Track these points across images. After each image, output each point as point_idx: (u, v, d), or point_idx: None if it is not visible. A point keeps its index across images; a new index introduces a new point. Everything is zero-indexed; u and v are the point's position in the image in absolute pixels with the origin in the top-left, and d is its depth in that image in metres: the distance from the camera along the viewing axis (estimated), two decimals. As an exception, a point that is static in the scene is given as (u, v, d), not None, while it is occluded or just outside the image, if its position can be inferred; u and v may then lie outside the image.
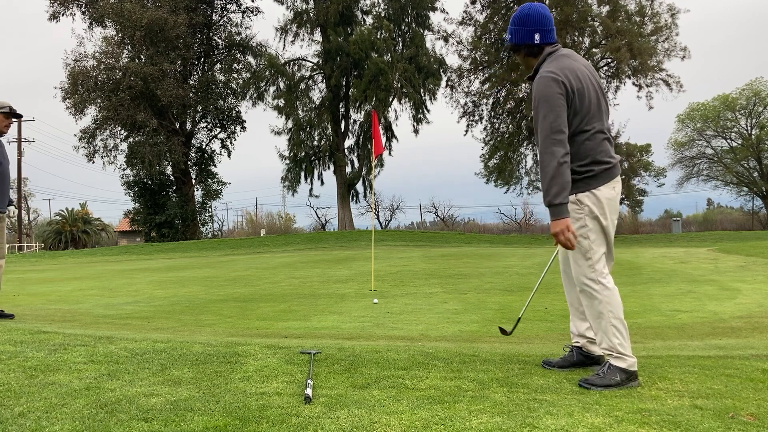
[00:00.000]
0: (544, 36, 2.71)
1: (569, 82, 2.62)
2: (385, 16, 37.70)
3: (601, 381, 2.58)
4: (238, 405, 2.32)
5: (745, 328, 4.94)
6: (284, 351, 3.35)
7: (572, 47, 33.75)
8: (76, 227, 55.30)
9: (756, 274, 10.02)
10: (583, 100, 2.66)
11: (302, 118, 38.04)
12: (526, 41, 2.74)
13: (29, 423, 2.14)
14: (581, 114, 2.66)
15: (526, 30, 2.74)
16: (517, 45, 2.78)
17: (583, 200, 2.68)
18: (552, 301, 6.97)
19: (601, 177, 2.70)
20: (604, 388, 2.54)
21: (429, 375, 2.81)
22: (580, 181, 2.68)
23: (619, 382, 2.57)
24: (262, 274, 12.93)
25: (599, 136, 2.71)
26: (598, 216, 2.68)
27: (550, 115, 2.58)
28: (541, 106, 2.61)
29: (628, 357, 2.63)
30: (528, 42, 2.73)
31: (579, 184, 2.68)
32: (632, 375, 2.61)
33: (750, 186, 47.46)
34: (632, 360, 2.63)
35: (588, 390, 2.54)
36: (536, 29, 2.72)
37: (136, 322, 5.76)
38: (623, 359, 2.62)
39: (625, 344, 2.65)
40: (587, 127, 2.69)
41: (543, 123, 2.60)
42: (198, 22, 36.79)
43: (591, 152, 2.68)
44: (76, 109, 34.78)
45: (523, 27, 2.74)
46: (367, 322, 5.70)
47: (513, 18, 2.78)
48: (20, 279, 13.40)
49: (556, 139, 2.57)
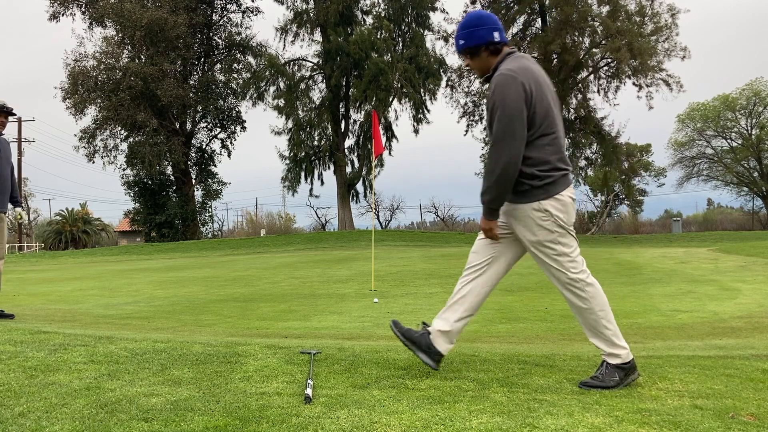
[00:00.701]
0: (501, 35, 2.69)
1: (529, 84, 2.59)
2: (385, 16, 37.69)
3: (601, 383, 2.58)
4: (238, 405, 2.32)
5: (745, 328, 4.94)
6: (284, 351, 3.35)
7: (572, 47, 33.77)
8: (76, 227, 55.29)
9: (756, 274, 10.02)
10: (542, 102, 2.62)
11: (302, 118, 38.03)
12: (488, 39, 2.69)
13: (29, 423, 2.14)
14: (541, 117, 2.62)
15: (485, 29, 2.70)
16: (477, 46, 2.71)
17: (549, 209, 2.62)
18: (552, 301, 6.97)
19: (561, 183, 2.66)
20: (603, 389, 2.55)
21: (429, 375, 2.81)
22: (542, 187, 2.62)
23: (619, 381, 2.58)
24: (262, 274, 12.93)
25: (559, 142, 2.68)
26: (563, 222, 2.65)
27: (505, 118, 2.54)
28: (498, 106, 2.56)
29: (622, 348, 2.63)
30: (490, 39, 2.69)
31: (541, 191, 2.63)
32: (629, 368, 2.61)
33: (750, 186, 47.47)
34: (626, 351, 2.63)
35: (588, 390, 2.54)
36: (494, 28, 2.71)
37: (136, 322, 5.76)
38: (617, 355, 2.62)
39: (618, 333, 2.66)
40: (549, 131, 2.65)
41: (499, 124, 2.56)
42: (198, 22, 36.78)
43: (552, 157, 2.65)
44: (76, 109, 34.78)
45: (482, 26, 2.71)
46: (367, 322, 5.70)
47: (465, 23, 2.74)
48: (20, 279, 13.40)
49: (511, 142, 2.53)
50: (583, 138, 37.62)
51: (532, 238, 2.68)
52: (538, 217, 2.63)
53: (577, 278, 2.66)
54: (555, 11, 34.42)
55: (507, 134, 2.54)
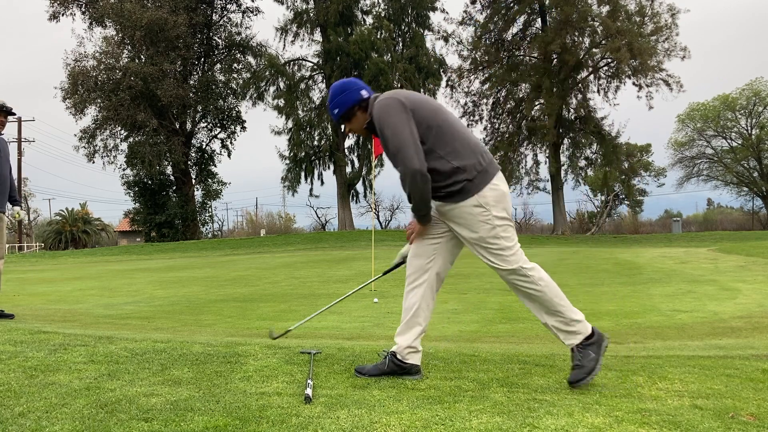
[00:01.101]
0: (368, 92, 2.81)
1: (406, 98, 2.68)
2: (385, 16, 37.70)
3: (586, 371, 2.57)
4: (238, 405, 2.32)
5: (745, 328, 4.94)
6: (284, 351, 3.35)
7: (572, 47, 33.78)
8: (76, 227, 55.29)
9: (756, 274, 10.02)
10: (428, 105, 2.70)
11: (302, 118, 38.05)
12: (356, 98, 2.78)
13: (29, 423, 2.14)
14: (440, 118, 2.69)
15: (352, 91, 2.80)
16: (350, 109, 2.79)
17: (486, 202, 2.64)
18: (552, 301, 6.96)
19: (491, 170, 2.71)
20: (592, 374, 2.55)
21: (429, 375, 2.81)
22: (474, 180, 2.64)
23: (596, 357, 2.58)
24: (262, 274, 12.94)
25: (473, 137, 2.75)
26: (503, 211, 2.68)
27: (393, 135, 2.60)
28: (384, 125, 2.62)
29: (578, 322, 2.65)
30: (358, 98, 2.79)
31: (473, 184, 2.64)
32: (596, 339, 2.63)
33: (750, 186, 47.48)
34: (582, 324, 2.65)
35: (588, 390, 2.54)
36: (360, 88, 2.81)
37: (136, 322, 5.76)
38: (576, 332, 2.64)
39: (570, 306, 2.67)
40: (458, 126, 2.73)
41: (390, 141, 2.61)
42: (198, 22, 36.79)
43: (474, 148, 2.70)
44: (76, 109, 34.79)
45: (348, 90, 2.80)
46: (367, 322, 5.70)
47: (332, 94, 2.83)
48: (20, 279, 13.40)
49: (405, 152, 2.57)
50: (583, 138, 37.63)
51: (473, 236, 2.68)
52: (477, 213, 2.64)
53: (519, 267, 2.66)
54: (555, 11, 34.43)
55: (400, 148, 2.58)
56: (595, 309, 6.26)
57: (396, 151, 2.59)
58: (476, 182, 2.65)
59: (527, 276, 2.66)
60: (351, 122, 2.84)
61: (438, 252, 2.83)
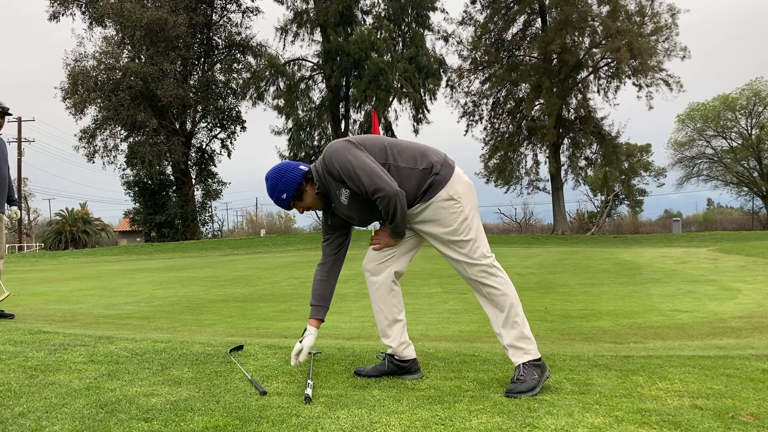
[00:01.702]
0: (304, 165, 2.77)
1: (350, 139, 2.73)
2: (385, 16, 37.69)
3: (527, 386, 2.50)
4: (238, 405, 2.32)
5: (745, 328, 4.94)
6: (284, 351, 3.35)
7: (572, 47, 33.78)
8: (76, 227, 55.30)
9: (756, 274, 10.02)
10: (371, 137, 2.78)
11: (302, 118, 38.04)
12: (301, 174, 2.74)
13: (29, 423, 2.14)
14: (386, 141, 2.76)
15: (291, 170, 2.74)
16: (298, 186, 2.71)
17: (456, 193, 2.66)
18: (552, 301, 6.97)
19: (451, 163, 2.76)
20: (531, 392, 2.48)
21: (429, 375, 2.81)
22: (440, 173, 2.67)
23: (538, 379, 2.53)
24: (262, 274, 12.94)
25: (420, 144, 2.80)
26: (472, 202, 2.71)
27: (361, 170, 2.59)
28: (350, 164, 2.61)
29: (531, 342, 2.62)
30: (302, 173, 2.74)
31: (441, 176, 2.67)
32: (541, 365, 2.59)
33: (750, 186, 47.49)
34: (535, 346, 2.62)
35: (588, 390, 2.54)
36: (296, 165, 2.77)
37: (136, 322, 5.76)
38: (527, 350, 2.60)
39: (527, 325, 2.65)
40: (405, 141, 2.81)
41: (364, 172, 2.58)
42: (198, 22, 36.79)
43: (427, 151, 2.74)
44: (76, 109, 34.80)
45: (287, 171, 2.74)
46: (367, 322, 5.70)
47: (272, 183, 2.74)
48: (20, 279, 13.40)
49: (384, 177, 2.58)
50: (583, 138, 37.64)
51: (445, 230, 2.66)
52: (449, 206, 2.65)
53: (490, 263, 2.65)
54: (555, 11, 34.43)
55: (372, 175, 2.57)
56: (595, 309, 6.26)
57: (370, 181, 2.57)
58: (443, 174, 2.67)
59: (493, 273, 2.65)
60: (303, 199, 2.76)
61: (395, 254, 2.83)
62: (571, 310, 6.20)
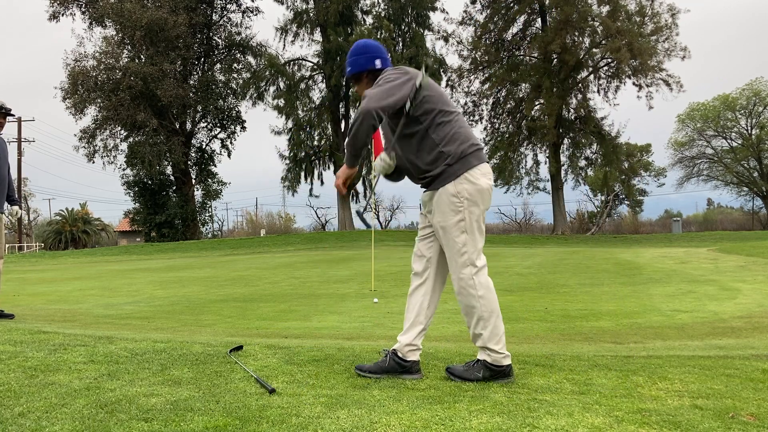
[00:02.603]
0: (383, 62, 2.87)
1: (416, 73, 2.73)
2: (385, 16, 37.69)
3: (464, 374, 2.64)
4: (238, 405, 2.32)
5: (745, 328, 4.94)
6: (284, 351, 3.35)
7: (572, 47, 33.78)
8: (76, 227, 55.28)
9: (756, 274, 10.01)
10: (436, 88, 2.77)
11: (302, 118, 38.04)
12: (368, 67, 2.87)
13: (29, 423, 2.14)
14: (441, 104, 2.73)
15: (367, 57, 2.87)
16: (359, 72, 2.87)
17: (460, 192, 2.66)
18: (552, 301, 6.96)
19: (473, 160, 2.70)
20: (462, 381, 2.61)
21: (429, 375, 2.81)
22: (453, 165, 2.66)
23: (481, 378, 2.62)
24: (262, 274, 12.94)
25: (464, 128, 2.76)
26: (477, 208, 2.68)
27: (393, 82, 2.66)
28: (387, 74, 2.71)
29: (496, 353, 2.64)
30: (371, 67, 2.87)
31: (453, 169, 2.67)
32: (499, 372, 2.63)
33: (750, 186, 47.47)
34: (499, 356, 2.63)
35: (588, 390, 2.54)
36: (376, 57, 2.88)
37: (136, 322, 5.76)
38: (488, 353, 2.65)
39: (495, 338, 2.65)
40: (454, 116, 2.75)
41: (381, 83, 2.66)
42: (198, 22, 36.78)
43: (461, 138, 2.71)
44: (76, 109, 34.78)
45: (365, 55, 2.88)
46: (367, 322, 5.70)
47: (351, 51, 2.93)
48: (20, 279, 13.40)
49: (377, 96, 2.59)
50: (583, 138, 37.64)
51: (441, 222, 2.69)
52: (451, 202, 2.66)
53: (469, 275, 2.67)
54: (555, 11, 34.44)
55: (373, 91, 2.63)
56: (595, 309, 6.26)
57: (373, 91, 2.62)
58: (456, 168, 2.66)
59: (470, 286, 2.66)
60: (358, 85, 2.93)
61: (435, 250, 2.84)
62: (571, 310, 6.20)
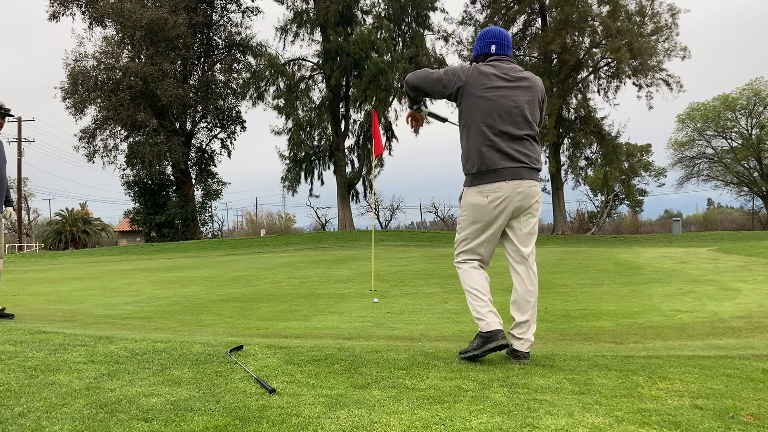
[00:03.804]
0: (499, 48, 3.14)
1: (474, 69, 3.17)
2: (385, 16, 37.69)
3: (469, 347, 3.09)
4: (238, 405, 2.32)
5: (745, 328, 4.94)
6: (284, 351, 3.35)
7: (572, 47, 33.78)
8: (76, 227, 55.28)
9: (756, 274, 10.01)
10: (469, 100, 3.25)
11: (302, 118, 38.03)
12: (483, 51, 3.16)
13: (29, 423, 2.14)
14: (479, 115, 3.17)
15: (484, 42, 3.17)
16: (476, 57, 3.21)
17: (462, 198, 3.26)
18: (552, 301, 6.96)
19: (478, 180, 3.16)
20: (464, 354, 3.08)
21: (429, 375, 2.81)
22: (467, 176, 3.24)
23: (475, 346, 3.04)
24: (262, 274, 12.94)
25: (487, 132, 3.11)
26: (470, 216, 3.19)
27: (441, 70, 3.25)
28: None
29: (481, 319, 3.07)
30: (486, 51, 3.16)
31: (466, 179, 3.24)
32: (489, 337, 3.00)
33: (750, 186, 47.48)
34: (485, 321, 3.05)
35: (588, 390, 2.54)
36: (492, 41, 3.15)
37: (136, 322, 5.76)
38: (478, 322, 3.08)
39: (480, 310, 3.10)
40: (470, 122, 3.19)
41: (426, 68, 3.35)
42: (198, 22, 36.79)
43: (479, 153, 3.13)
44: (76, 109, 34.80)
45: (483, 39, 3.18)
46: (367, 322, 5.70)
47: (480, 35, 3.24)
48: (20, 279, 13.40)
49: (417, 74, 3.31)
50: (583, 138, 37.64)
51: None
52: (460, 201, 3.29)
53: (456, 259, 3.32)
54: (555, 11, 34.44)
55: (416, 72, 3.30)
56: (595, 309, 6.26)
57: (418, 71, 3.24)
58: (467, 179, 3.21)
59: (458, 267, 3.29)
60: None
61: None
62: (571, 310, 6.20)
